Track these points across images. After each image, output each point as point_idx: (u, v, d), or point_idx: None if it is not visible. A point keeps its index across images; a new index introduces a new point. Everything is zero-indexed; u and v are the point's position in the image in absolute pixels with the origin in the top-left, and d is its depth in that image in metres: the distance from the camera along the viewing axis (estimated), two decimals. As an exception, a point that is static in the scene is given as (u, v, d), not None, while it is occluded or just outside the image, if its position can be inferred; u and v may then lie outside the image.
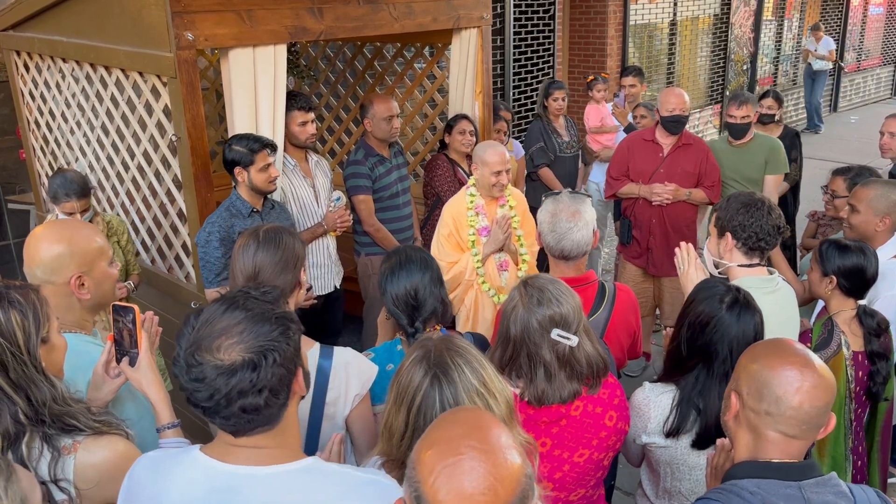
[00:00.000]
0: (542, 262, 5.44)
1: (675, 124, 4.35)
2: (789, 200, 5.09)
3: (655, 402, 2.09)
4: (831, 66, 12.20)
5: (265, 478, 1.35)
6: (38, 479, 1.57)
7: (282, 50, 3.38)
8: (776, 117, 5.20)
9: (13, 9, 4.07)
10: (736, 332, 2.00)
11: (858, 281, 2.73)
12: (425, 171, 4.61)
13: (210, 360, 1.29)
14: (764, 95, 5.28)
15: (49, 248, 1.97)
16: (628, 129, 5.47)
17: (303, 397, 1.45)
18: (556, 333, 1.88)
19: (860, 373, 2.68)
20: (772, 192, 4.51)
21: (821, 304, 3.05)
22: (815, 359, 1.53)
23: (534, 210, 3.25)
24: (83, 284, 2.00)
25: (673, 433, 2.03)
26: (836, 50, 13.70)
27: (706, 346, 2.03)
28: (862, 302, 2.79)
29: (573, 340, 1.89)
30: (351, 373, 2.01)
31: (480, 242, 3.59)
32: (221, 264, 3.21)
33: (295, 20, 3.38)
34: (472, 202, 3.62)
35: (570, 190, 2.60)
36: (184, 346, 1.32)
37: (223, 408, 1.30)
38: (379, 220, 4.19)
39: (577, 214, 2.43)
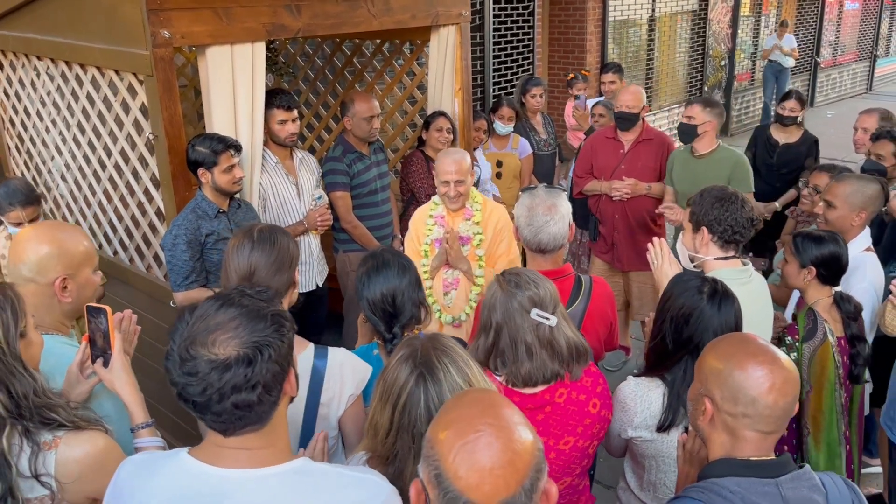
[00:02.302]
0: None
1: (622, 121, 4.44)
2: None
3: (643, 397, 2.11)
4: (793, 64, 12.27)
5: (255, 481, 1.34)
6: (20, 475, 1.58)
7: (260, 47, 3.37)
8: (798, 119, 5.09)
9: (-14, 6, 4.02)
10: (718, 321, 2.04)
11: (836, 268, 2.82)
12: (402, 167, 4.62)
13: (204, 354, 1.28)
14: (786, 97, 5.14)
15: (37, 247, 1.97)
16: (590, 132, 5.44)
17: (293, 399, 1.44)
18: (535, 313, 1.93)
19: (844, 357, 2.75)
20: None
21: (796, 294, 3.10)
22: (778, 351, 1.56)
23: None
24: (66, 287, 2.00)
25: (665, 427, 2.06)
26: (813, 45, 13.88)
27: (691, 339, 2.06)
28: (837, 288, 2.86)
29: (552, 320, 1.93)
30: (346, 373, 2.02)
31: (434, 253, 3.45)
32: (189, 267, 3.20)
33: (272, 17, 3.37)
34: (433, 211, 3.51)
35: (545, 185, 2.63)
36: (177, 340, 1.31)
37: (215, 403, 1.28)
38: (357, 217, 4.20)
39: (553, 208, 2.46)
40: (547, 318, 1.93)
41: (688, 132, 4.19)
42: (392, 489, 1.42)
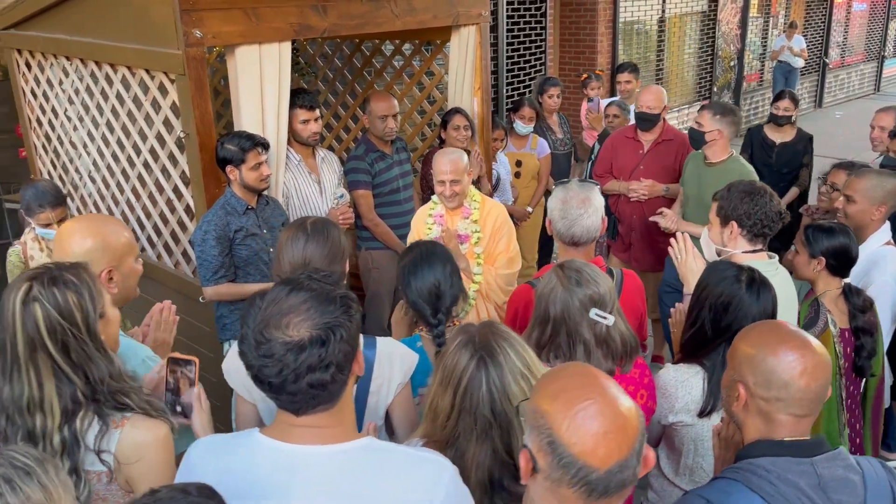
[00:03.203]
0: (542, 253, 5.53)
1: (643, 121, 4.45)
2: (795, 207, 4.99)
3: (684, 383, 2.16)
4: (803, 64, 12.30)
5: (327, 456, 1.39)
6: (85, 448, 1.64)
7: (286, 47, 3.43)
8: (793, 118, 5.13)
9: (15, 7, 4.09)
10: (757, 309, 2.09)
11: (845, 260, 2.86)
12: (422, 165, 4.67)
13: (279, 336, 1.32)
14: (779, 97, 5.16)
15: (81, 241, 2.02)
16: (603, 134, 5.44)
17: (358, 378, 1.48)
18: (594, 313, 1.96)
19: (848, 349, 2.79)
20: None
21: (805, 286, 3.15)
22: (810, 336, 1.60)
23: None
24: (112, 279, 2.05)
25: (707, 412, 2.11)
26: (821, 46, 13.92)
27: (730, 326, 2.10)
28: (846, 280, 2.90)
29: (610, 320, 1.97)
30: (394, 361, 2.06)
31: None
32: (219, 262, 3.25)
33: (299, 17, 3.43)
34: (432, 210, 3.55)
35: (578, 178, 2.68)
36: (251, 324, 1.35)
37: (291, 383, 1.32)
38: (379, 215, 4.24)
39: (586, 201, 2.50)
40: (605, 318, 1.97)
41: (696, 138, 4.06)
42: (454, 468, 1.46)
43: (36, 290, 1.64)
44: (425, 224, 3.53)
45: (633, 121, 5.35)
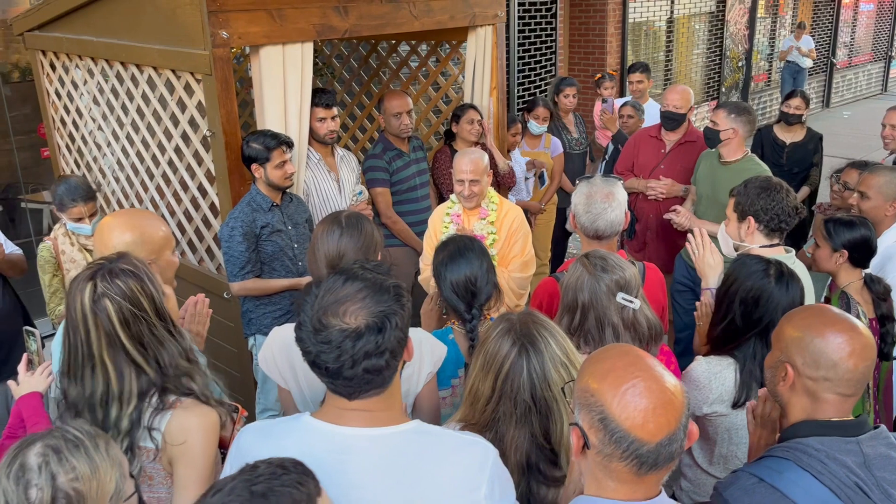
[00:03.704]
0: (555, 252, 5.58)
1: (668, 121, 4.47)
2: (806, 205, 5.03)
3: (717, 375, 2.22)
4: (811, 65, 12.34)
5: (379, 438, 1.44)
6: (143, 425, 1.69)
7: (308, 47, 3.50)
8: (803, 118, 5.16)
9: (41, 9, 4.16)
10: (787, 301, 2.15)
11: (866, 251, 2.92)
12: (432, 164, 4.73)
13: (337, 324, 1.37)
14: (790, 96, 5.19)
15: (121, 235, 2.08)
16: (618, 134, 5.45)
17: (404, 364, 1.53)
18: (621, 297, 2.03)
19: (875, 337, 2.85)
20: None
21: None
22: (855, 320, 1.66)
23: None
24: None
25: (740, 403, 2.17)
26: (829, 46, 13.94)
27: (761, 319, 2.17)
28: (866, 270, 2.96)
29: (636, 304, 2.03)
30: (424, 351, 2.10)
31: None
32: (245, 258, 3.32)
33: (322, 18, 3.50)
34: (449, 209, 3.59)
35: (602, 174, 2.74)
36: (309, 312, 1.41)
37: (348, 368, 1.38)
38: (397, 213, 4.31)
39: (610, 196, 2.56)
40: (631, 302, 2.03)
41: (711, 137, 4.03)
42: (496, 451, 1.52)
43: (101, 286, 1.69)
44: (442, 222, 3.59)
45: (646, 121, 5.42)
